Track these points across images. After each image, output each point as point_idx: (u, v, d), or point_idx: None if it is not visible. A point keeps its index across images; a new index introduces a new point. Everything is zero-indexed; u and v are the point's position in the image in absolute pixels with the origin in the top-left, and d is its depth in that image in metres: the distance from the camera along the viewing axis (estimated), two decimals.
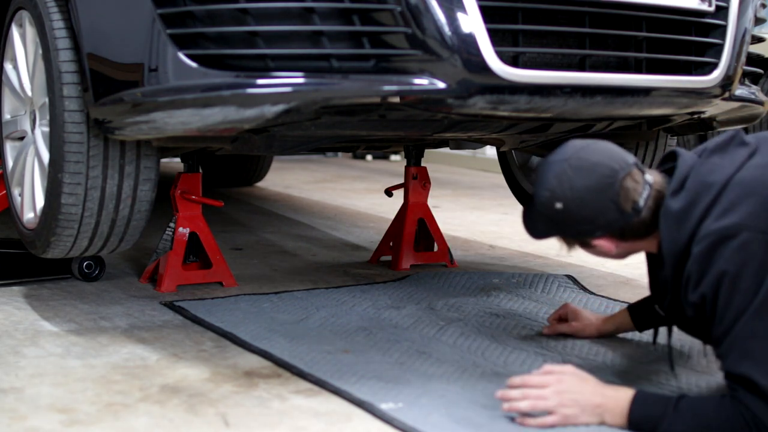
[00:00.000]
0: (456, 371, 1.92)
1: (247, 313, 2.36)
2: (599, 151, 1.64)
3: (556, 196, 1.64)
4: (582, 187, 1.61)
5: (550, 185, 1.64)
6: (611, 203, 1.61)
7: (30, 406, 1.69)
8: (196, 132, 1.96)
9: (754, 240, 1.48)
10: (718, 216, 1.52)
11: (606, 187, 1.61)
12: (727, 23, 2.18)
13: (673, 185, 1.61)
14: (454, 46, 1.83)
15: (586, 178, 1.61)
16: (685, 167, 1.63)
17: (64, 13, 2.18)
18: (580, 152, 1.64)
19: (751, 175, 1.55)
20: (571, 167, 1.63)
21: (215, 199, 2.76)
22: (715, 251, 1.50)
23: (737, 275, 1.48)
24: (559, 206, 1.64)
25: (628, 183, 1.62)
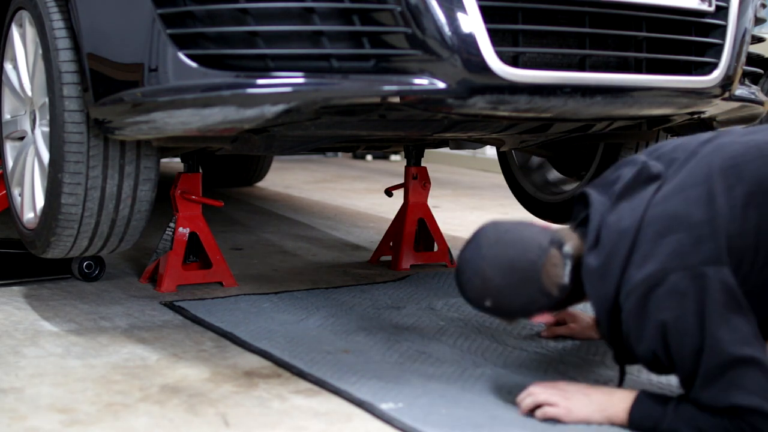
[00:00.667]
0: (456, 371, 1.92)
1: (247, 313, 2.36)
2: (514, 243, 1.62)
3: (482, 295, 1.64)
4: (505, 285, 1.61)
5: (474, 286, 1.64)
6: (537, 293, 1.61)
7: (30, 406, 1.69)
8: (196, 132, 1.96)
9: (681, 279, 1.47)
10: (638, 265, 1.51)
11: (529, 281, 1.60)
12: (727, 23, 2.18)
13: (589, 241, 1.59)
14: (454, 46, 1.83)
15: (508, 277, 1.61)
16: (596, 218, 1.61)
17: (64, 13, 2.18)
18: (495, 248, 1.63)
19: (661, 212, 1.54)
20: (489, 266, 1.62)
21: (215, 199, 2.76)
22: (646, 302, 1.50)
23: (677, 319, 1.47)
24: (488, 303, 1.65)
25: (549, 269, 1.60)
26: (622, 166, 1.69)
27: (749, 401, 1.44)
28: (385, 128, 2.17)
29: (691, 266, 1.48)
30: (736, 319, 1.47)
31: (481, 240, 1.65)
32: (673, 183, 1.57)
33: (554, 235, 1.64)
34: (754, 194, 1.52)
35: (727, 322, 1.46)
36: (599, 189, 1.68)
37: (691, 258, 1.48)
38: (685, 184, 1.55)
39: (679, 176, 1.58)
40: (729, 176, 1.53)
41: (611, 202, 1.62)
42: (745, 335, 1.47)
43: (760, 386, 1.45)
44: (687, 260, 1.48)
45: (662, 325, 1.48)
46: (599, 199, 1.64)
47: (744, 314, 1.48)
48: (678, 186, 1.56)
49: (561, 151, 3.17)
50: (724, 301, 1.47)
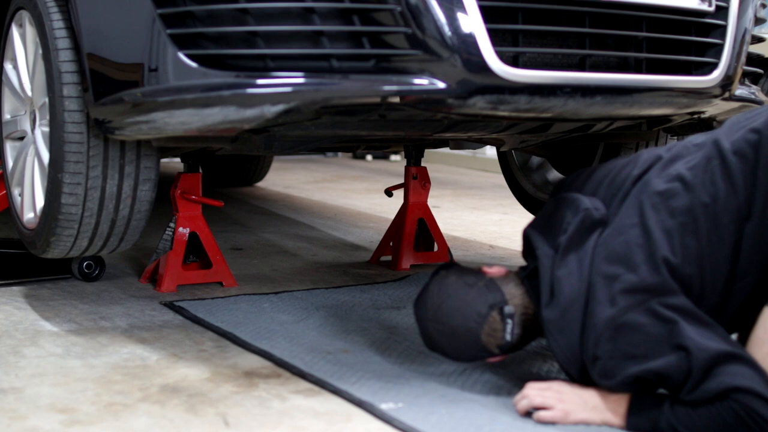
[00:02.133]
0: (456, 371, 1.92)
1: (247, 313, 2.36)
2: (453, 312, 1.72)
3: (434, 348, 1.79)
4: (450, 346, 1.75)
5: (426, 340, 1.80)
6: (481, 351, 1.74)
7: (30, 406, 1.69)
8: (196, 132, 1.96)
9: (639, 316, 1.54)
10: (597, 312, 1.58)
11: (471, 344, 1.72)
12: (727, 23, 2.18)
13: (544, 299, 1.67)
14: (454, 46, 1.83)
15: (451, 340, 1.74)
16: (547, 273, 1.68)
17: (64, 13, 2.18)
18: (438, 314, 1.74)
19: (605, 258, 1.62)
20: (435, 331, 1.76)
21: (215, 199, 2.76)
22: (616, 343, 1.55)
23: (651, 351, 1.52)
24: (440, 354, 1.79)
25: (489, 333, 1.71)
26: (564, 207, 1.76)
27: (740, 382, 1.46)
28: (385, 128, 2.17)
29: (644, 302, 1.54)
30: (704, 327, 1.52)
31: (427, 302, 1.77)
32: (612, 227, 1.66)
33: (495, 297, 1.71)
34: (687, 224, 1.58)
35: (698, 330, 1.51)
36: (544, 236, 1.76)
37: (641, 295, 1.55)
38: (623, 225, 1.64)
39: (617, 218, 1.66)
40: (659, 209, 1.61)
41: (558, 253, 1.69)
42: (719, 336, 1.52)
43: (747, 373, 1.47)
44: (638, 298, 1.55)
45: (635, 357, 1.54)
46: (546, 251, 1.72)
47: (708, 323, 1.54)
48: (616, 229, 1.64)
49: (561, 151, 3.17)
50: (688, 318, 1.52)
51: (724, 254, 1.58)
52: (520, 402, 1.67)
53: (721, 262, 1.58)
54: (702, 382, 1.49)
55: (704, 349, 1.49)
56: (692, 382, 1.50)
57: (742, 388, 1.46)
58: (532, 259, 1.78)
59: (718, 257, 1.58)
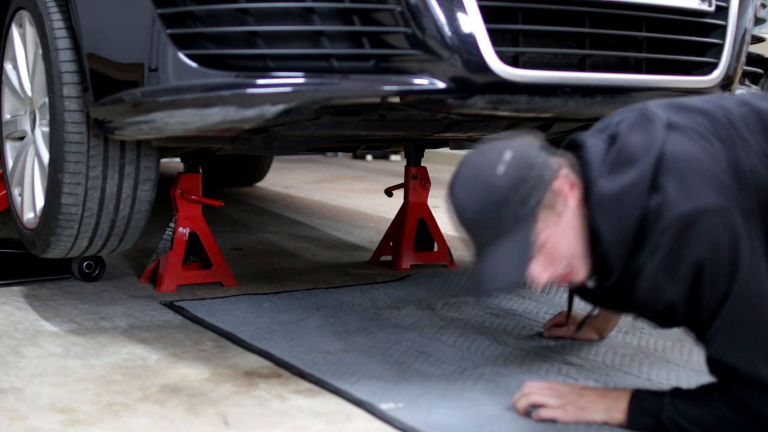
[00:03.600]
0: (456, 371, 1.92)
1: (247, 313, 2.36)
2: (523, 159, 1.51)
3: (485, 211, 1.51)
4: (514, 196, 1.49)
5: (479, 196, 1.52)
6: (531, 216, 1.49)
7: (30, 406, 1.69)
8: (196, 132, 1.96)
9: (716, 221, 1.43)
10: (672, 200, 1.44)
11: (534, 191, 1.50)
12: (727, 23, 2.18)
13: (595, 172, 1.50)
14: (454, 46, 1.83)
15: (517, 189, 1.49)
16: (597, 156, 1.52)
17: (64, 13, 2.18)
18: (504, 156, 1.51)
19: (682, 152, 1.47)
20: (501, 178, 1.50)
21: (215, 199, 2.76)
22: (681, 241, 1.43)
23: (713, 259, 1.42)
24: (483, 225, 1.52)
25: (551, 194, 1.50)
26: (611, 117, 1.61)
27: (745, 365, 1.43)
28: (385, 128, 2.17)
29: (725, 211, 1.43)
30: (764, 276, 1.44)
31: (486, 154, 1.55)
32: (685, 130, 1.51)
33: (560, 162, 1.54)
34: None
35: (756, 276, 1.43)
36: (591, 134, 1.59)
37: (723, 202, 1.43)
38: (701, 133, 1.49)
39: (689, 125, 1.51)
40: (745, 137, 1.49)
41: (610, 142, 1.53)
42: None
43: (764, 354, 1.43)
44: (718, 202, 1.43)
45: (697, 263, 1.43)
46: (595, 141, 1.55)
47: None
48: (693, 133, 1.50)
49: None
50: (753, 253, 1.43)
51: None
52: (519, 401, 1.67)
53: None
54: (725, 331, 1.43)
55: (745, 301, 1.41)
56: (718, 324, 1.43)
57: (746, 376, 1.43)
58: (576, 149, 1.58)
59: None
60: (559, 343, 2.15)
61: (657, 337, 2.19)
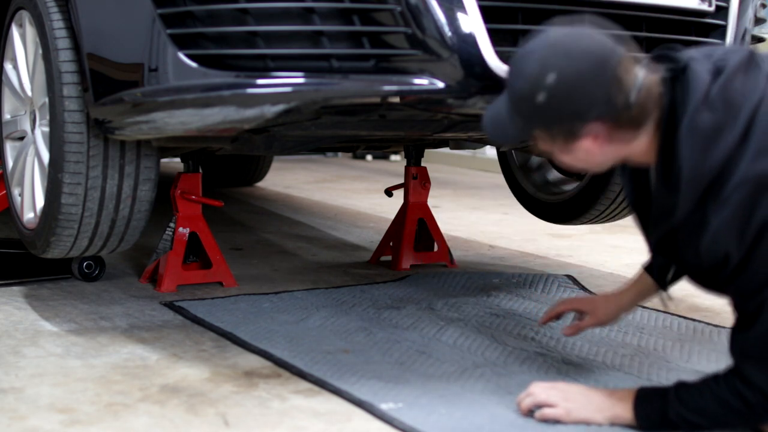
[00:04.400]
0: (456, 371, 1.92)
1: (247, 313, 2.36)
2: (587, 36, 1.48)
3: (539, 86, 1.46)
4: (571, 74, 1.45)
5: (532, 73, 1.47)
6: (601, 94, 1.45)
7: (30, 406, 1.69)
8: (196, 132, 1.96)
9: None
10: (753, 156, 1.40)
11: (598, 76, 1.44)
12: (727, 23, 2.18)
13: (696, 98, 1.44)
14: (454, 46, 1.83)
15: (576, 63, 1.45)
16: (702, 82, 1.46)
17: (64, 13, 2.18)
18: (566, 38, 1.48)
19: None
20: (557, 54, 1.46)
21: (215, 199, 2.76)
22: (756, 200, 1.40)
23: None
24: (541, 99, 1.47)
25: (621, 72, 1.45)
26: (714, 48, 1.56)
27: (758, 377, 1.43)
28: (385, 128, 2.17)
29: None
30: None
31: (549, 33, 1.51)
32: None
33: (631, 51, 1.51)
34: None
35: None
36: (697, 57, 1.52)
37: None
38: None
39: None
40: None
41: (718, 75, 1.47)
42: None
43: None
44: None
45: (765, 225, 1.39)
46: (702, 65, 1.48)
47: None
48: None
49: None
50: None
51: None
52: (524, 400, 1.67)
53: None
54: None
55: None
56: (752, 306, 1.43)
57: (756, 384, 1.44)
58: (673, 63, 1.52)
59: None
60: (559, 343, 2.15)
61: (657, 337, 2.19)
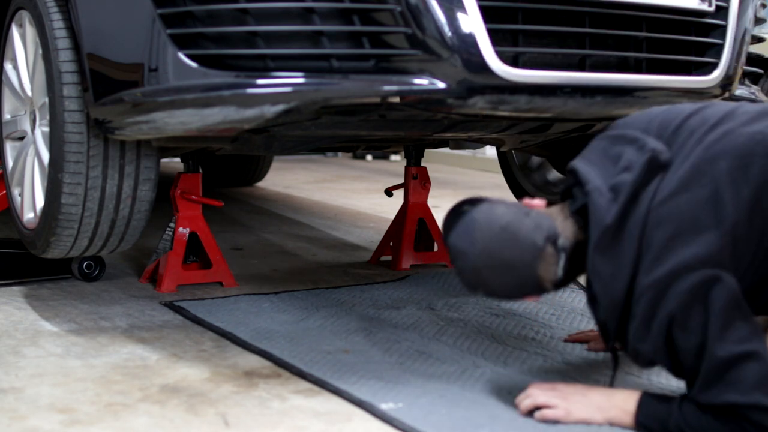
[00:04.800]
0: (456, 371, 1.92)
1: (247, 313, 2.36)
2: (510, 243, 1.59)
3: (475, 286, 1.65)
4: (499, 283, 1.62)
5: (468, 277, 1.64)
6: (531, 288, 1.63)
7: (30, 406, 1.69)
8: (196, 132, 1.96)
9: (688, 283, 1.47)
10: (648, 269, 1.51)
11: (524, 280, 1.61)
12: (727, 23, 2.18)
13: (594, 241, 1.56)
14: (454, 46, 1.83)
15: (502, 277, 1.61)
16: (601, 214, 1.57)
17: (64, 13, 2.18)
18: (490, 247, 1.60)
19: (667, 213, 1.52)
20: (485, 266, 1.60)
21: (215, 199, 2.76)
22: (656, 304, 1.50)
23: (684, 317, 1.47)
24: (481, 292, 1.66)
25: (544, 268, 1.60)
26: (624, 144, 1.64)
27: (747, 399, 1.44)
28: (385, 128, 2.17)
29: (698, 271, 1.47)
30: (738, 322, 1.47)
31: (475, 233, 1.61)
32: (678, 177, 1.54)
33: (549, 229, 1.61)
34: (759, 199, 1.50)
35: (729, 324, 1.46)
36: (597, 171, 1.64)
37: (696, 262, 1.47)
38: (691, 181, 1.53)
39: (683, 169, 1.54)
40: (736, 178, 1.51)
41: (617, 194, 1.57)
42: (745, 334, 1.47)
43: (758, 380, 1.44)
44: (694, 265, 1.47)
45: (669, 320, 1.48)
46: (600, 189, 1.59)
47: (745, 316, 1.48)
48: (684, 182, 1.53)
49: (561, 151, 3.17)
50: (728, 306, 1.47)
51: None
52: (523, 401, 1.67)
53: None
54: (712, 383, 1.46)
55: (723, 350, 1.45)
56: (703, 380, 1.47)
57: (749, 405, 1.44)
58: (581, 194, 1.65)
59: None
60: (559, 343, 2.15)
61: None
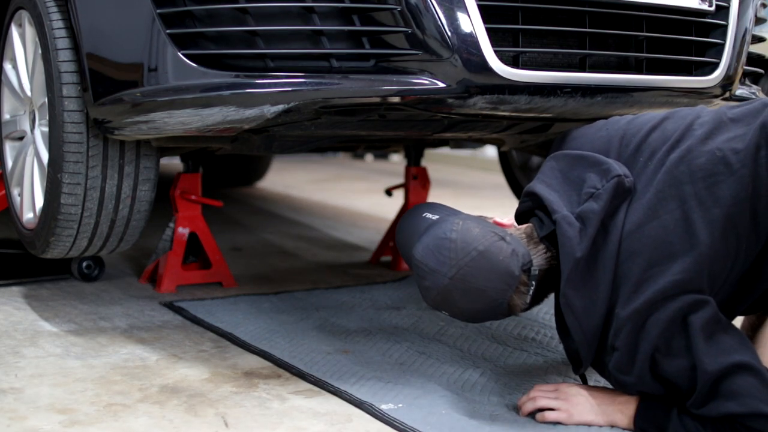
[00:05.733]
0: (456, 371, 1.92)
1: (247, 314, 2.36)
2: (487, 271, 1.55)
3: (440, 306, 1.61)
4: (469, 308, 1.59)
5: (433, 297, 1.60)
6: (500, 314, 1.61)
7: (30, 406, 1.69)
8: (195, 132, 1.95)
9: (665, 311, 1.48)
10: (624, 302, 1.51)
11: (494, 307, 1.58)
12: (728, 23, 2.18)
13: (566, 274, 1.54)
14: (454, 46, 1.83)
15: (473, 303, 1.57)
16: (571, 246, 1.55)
17: (64, 13, 2.17)
18: (463, 271, 1.55)
19: (638, 242, 1.52)
20: (457, 290, 1.56)
21: (215, 199, 2.75)
22: (636, 335, 1.50)
23: (666, 346, 1.49)
24: (445, 313, 1.63)
25: (516, 297, 1.59)
26: (586, 168, 1.63)
27: (744, 408, 1.44)
28: (385, 128, 2.17)
29: (676, 298, 1.48)
30: (720, 335, 1.48)
31: (450, 253, 1.56)
32: (645, 205, 1.54)
33: (524, 256, 1.58)
34: (732, 216, 1.50)
35: (713, 339, 1.47)
36: (561, 197, 1.62)
37: (674, 290, 1.48)
38: (659, 208, 1.53)
39: (649, 195, 1.54)
40: (704, 200, 1.51)
41: (585, 224, 1.56)
42: (731, 345, 1.48)
43: (752, 389, 1.45)
44: (672, 292, 1.48)
45: (653, 350, 1.49)
46: (568, 219, 1.58)
47: (726, 329, 1.50)
48: (651, 209, 1.53)
49: None
50: (707, 325, 1.48)
51: (754, 253, 1.52)
52: (525, 404, 1.67)
53: (750, 261, 1.53)
54: (709, 398, 1.46)
55: (713, 363, 1.45)
56: (699, 397, 1.47)
57: (747, 414, 1.44)
58: (548, 220, 1.62)
59: (749, 256, 1.52)
60: (559, 343, 2.14)
61: None
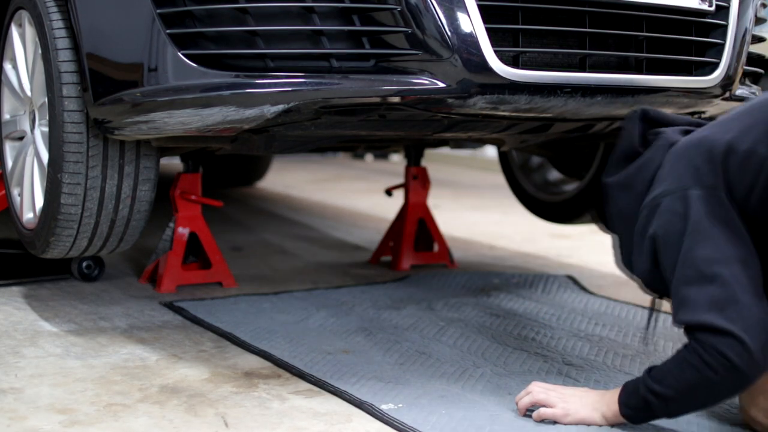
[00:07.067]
0: (456, 371, 1.92)
1: (247, 314, 2.36)
2: None
3: None
4: None
5: None
6: None
7: (30, 406, 1.69)
8: (195, 132, 1.96)
9: (674, 199, 1.54)
10: (653, 187, 1.60)
11: None
12: (728, 23, 2.18)
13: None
14: (454, 46, 1.83)
15: None
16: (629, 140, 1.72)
17: (64, 13, 2.17)
18: None
19: (688, 138, 1.63)
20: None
21: (215, 199, 2.75)
22: (648, 221, 1.57)
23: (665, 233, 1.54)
24: None
25: None
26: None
27: (698, 317, 1.45)
28: (385, 128, 2.17)
29: (686, 187, 1.53)
30: (720, 240, 1.49)
31: None
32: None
33: None
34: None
35: (707, 240, 1.49)
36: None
37: (690, 180, 1.53)
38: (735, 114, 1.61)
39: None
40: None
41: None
42: (723, 256, 1.48)
43: (714, 301, 1.45)
44: (685, 183, 1.54)
45: (653, 239, 1.55)
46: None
47: (732, 236, 1.49)
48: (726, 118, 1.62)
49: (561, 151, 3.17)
50: (710, 222, 1.49)
51: None
52: (522, 398, 1.67)
53: None
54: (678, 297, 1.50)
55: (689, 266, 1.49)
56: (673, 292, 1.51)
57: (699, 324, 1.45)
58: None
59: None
60: (560, 343, 2.14)
61: (658, 338, 2.19)
